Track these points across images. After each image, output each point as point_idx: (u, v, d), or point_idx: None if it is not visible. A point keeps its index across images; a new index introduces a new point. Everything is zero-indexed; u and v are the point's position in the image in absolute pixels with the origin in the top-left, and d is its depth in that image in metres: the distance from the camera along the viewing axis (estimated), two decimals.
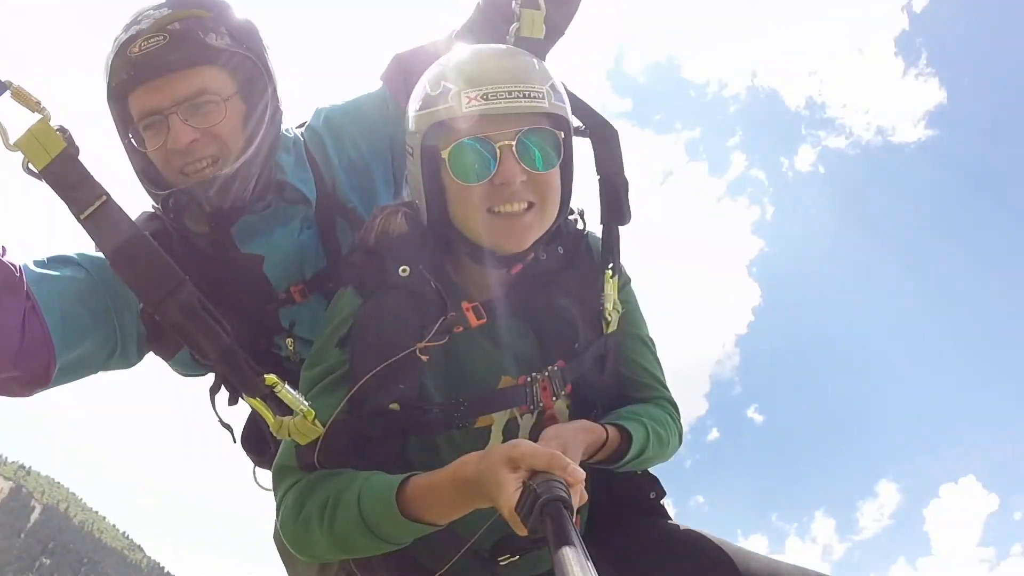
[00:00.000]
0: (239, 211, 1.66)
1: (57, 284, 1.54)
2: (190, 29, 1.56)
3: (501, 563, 1.45)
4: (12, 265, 1.48)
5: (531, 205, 1.41)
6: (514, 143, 1.36)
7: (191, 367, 1.86)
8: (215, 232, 1.65)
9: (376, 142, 1.92)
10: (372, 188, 1.92)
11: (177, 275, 1.39)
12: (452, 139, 1.37)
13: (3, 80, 1.36)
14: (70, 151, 1.42)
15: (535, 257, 1.52)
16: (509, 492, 1.08)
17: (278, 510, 1.42)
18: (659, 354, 1.75)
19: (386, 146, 1.93)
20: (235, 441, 2.03)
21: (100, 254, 1.62)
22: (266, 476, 2.01)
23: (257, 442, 2.00)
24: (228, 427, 2.01)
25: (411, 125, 1.46)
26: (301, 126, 1.96)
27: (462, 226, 1.44)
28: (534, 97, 1.37)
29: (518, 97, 1.36)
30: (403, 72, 1.91)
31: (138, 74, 1.55)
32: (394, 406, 1.39)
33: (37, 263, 1.55)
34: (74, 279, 1.58)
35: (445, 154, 1.38)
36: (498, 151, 1.35)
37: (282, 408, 1.38)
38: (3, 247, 1.49)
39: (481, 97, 1.34)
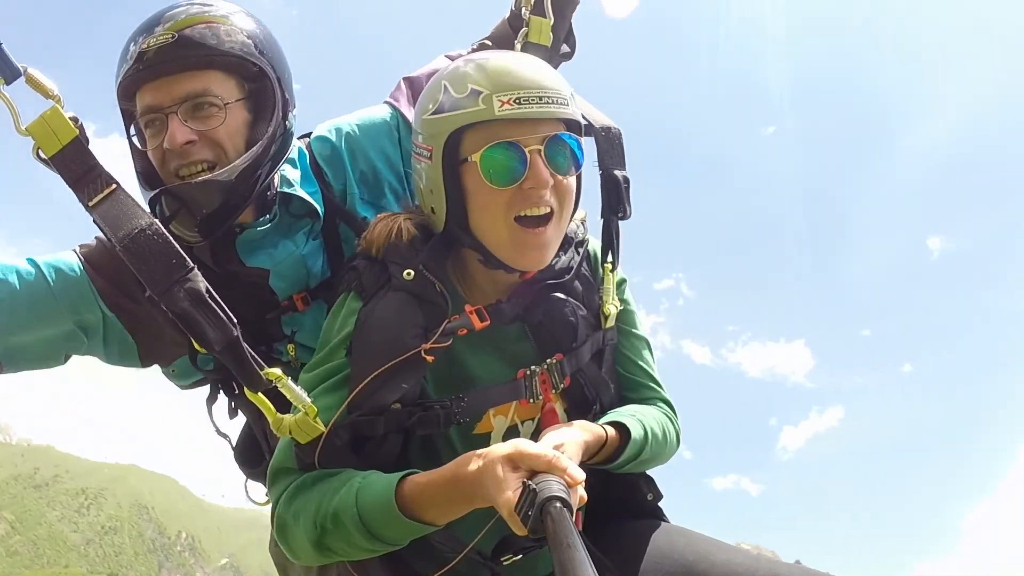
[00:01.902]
0: (229, 219, 1.64)
1: (5, 287, 1.58)
2: (202, 32, 1.58)
3: (504, 562, 1.46)
4: None
5: (551, 212, 1.42)
6: (543, 147, 1.38)
7: (189, 374, 1.86)
8: (207, 236, 1.64)
9: (388, 158, 1.94)
10: (382, 202, 1.93)
11: (186, 263, 1.38)
12: (482, 142, 1.37)
13: (18, 66, 1.36)
14: (81, 140, 1.42)
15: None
16: (509, 492, 1.08)
17: (273, 512, 1.42)
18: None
19: (397, 162, 1.96)
20: (233, 448, 2.04)
21: (62, 261, 1.67)
22: (258, 489, 2.01)
23: (251, 455, 2.00)
24: (226, 436, 2.01)
25: (429, 128, 1.45)
26: (304, 137, 1.96)
27: (481, 233, 1.45)
28: (561, 103, 1.40)
29: (548, 103, 1.38)
30: (412, 92, 1.97)
31: (145, 71, 1.57)
32: (395, 405, 1.39)
33: None
34: (26, 284, 1.60)
35: (476, 157, 1.38)
36: (528, 155, 1.37)
37: (284, 405, 1.39)
38: None
39: (514, 101, 1.35)
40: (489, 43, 2.04)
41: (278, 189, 1.78)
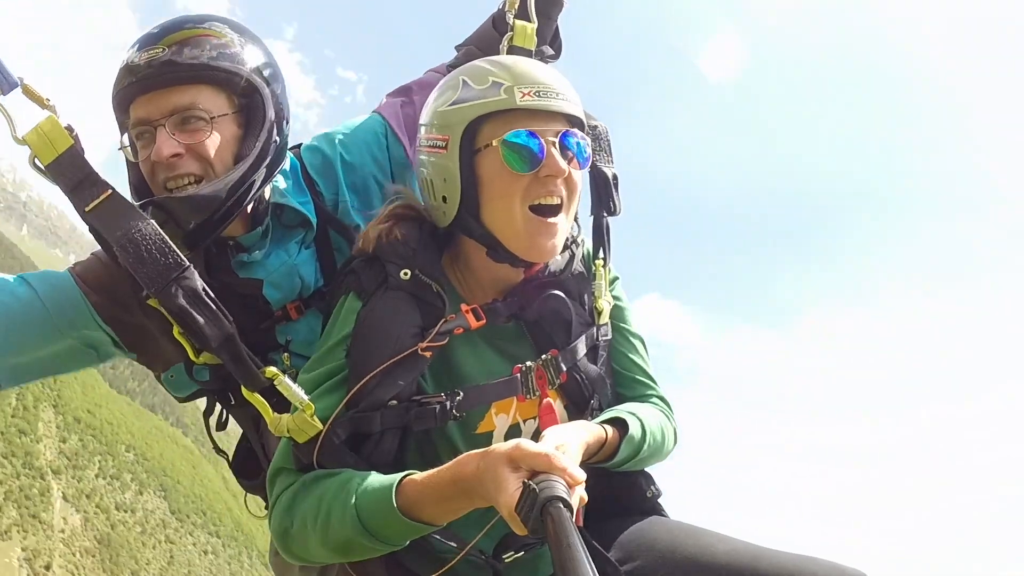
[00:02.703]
0: (215, 232, 1.65)
1: (3, 305, 1.58)
2: (195, 47, 1.60)
3: (506, 560, 1.47)
4: None
5: (561, 203, 1.47)
6: (557, 140, 1.43)
7: (185, 385, 1.87)
8: (192, 248, 1.64)
9: (378, 166, 1.97)
10: (373, 210, 1.93)
11: (182, 261, 1.40)
12: (502, 130, 1.42)
13: (14, 77, 1.37)
14: (76, 148, 1.43)
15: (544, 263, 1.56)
16: (509, 492, 1.08)
17: (271, 514, 1.42)
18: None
19: (387, 170, 1.99)
20: (231, 465, 2.05)
21: (56, 279, 1.68)
22: (257, 504, 2.01)
23: (248, 468, 2.00)
24: (224, 453, 2.02)
25: (445, 118, 1.48)
26: (294, 148, 1.97)
27: (494, 222, 1.47)
28: (574, 102, 1.48)
29: (563, 99, 1.46)
30: (400, 102, 2.02)
31: (137, 84, 1.59)
32: (392, 402, 1.41)
33: None
34: (21, 303, 1.61)
35: (496, 142, 1.42)
36: (545, 145, 1.42)
37: (280, 405, 1.40)
38: None
39: (535, 93, 1.43)
40: (474, 48, 2.06)
41: (270, 200, 1.79)
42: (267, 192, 1.78)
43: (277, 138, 1.72)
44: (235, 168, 1.63)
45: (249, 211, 1.74)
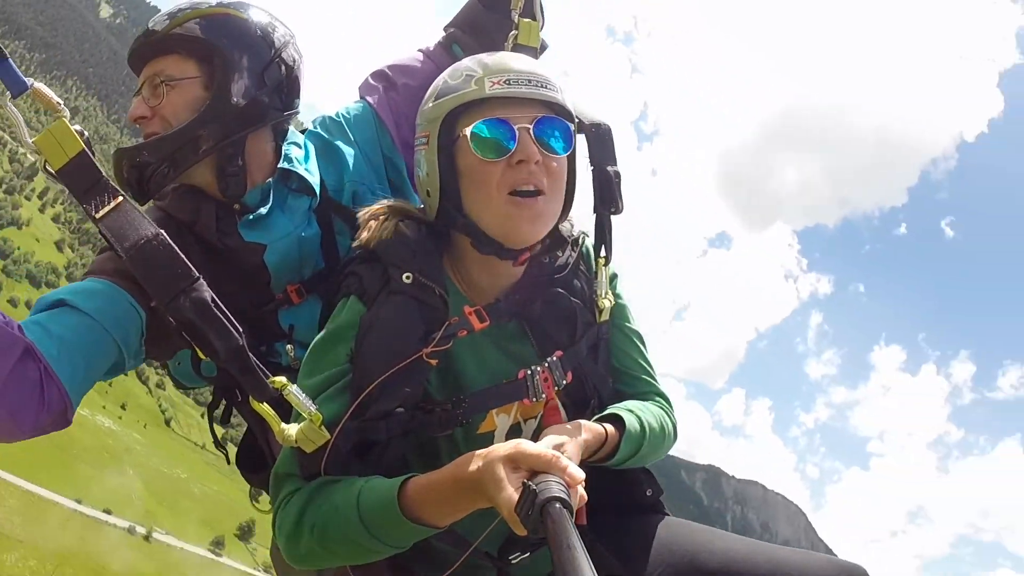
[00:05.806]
0: (151, 182, 1.72)
1: (59, 339, 1.55)
2: (181, 22, 1.72)
3: (512, 561, 1.48)
4: (22, 332, 1.48)
5: (540, 190, 1.47)
6: (531, 126, 1.44)
7: (190, 377, 1.88)
8: (136, 195, 1.73)
9: (372, 151, 2.01)
10: (370, 195, 1.97)
11: (191, 273, 1.41)
12: (474, 119, 1.44)
13: (25, 80, 1.39)
14: (87, 152, 1.45)
15: (538, 261, 1.57)
16: (509, 492, 1.10)
17: (275, 518, 1.43)
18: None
19: (379, 154, 2.02)
20: (229, 463, 2.05)
21: (81, 285, 1.68)
22: (263, 498, 2.00)
23: (253, 461, 2.01)
24: (223, 448, 2.04)
25: (427, 115, 1.52)
26: (303, 130, 2.01)
27: (474, 211, 1.48)
28: (549, 88, 1.47)
29: (537, 86, 1.46)
30: (383, 87, 2.05)
31: (130, 61, 1.79)
32: (398, 409, 1.42)
33: (32, 322, 1.57)
34: (73, 327, 1.59)
35: (467, 131, 1.43)
36: (517, 132, 1.42)
37: (287, 414, 1.40)
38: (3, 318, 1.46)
39: (504, 82, 1.44)
40: (457, 31, 2.10)
41: (279, 167, 1.84)
42: (263, 152, 1.83)
43: (238, 99, 1.73)
44: (177, 127, 1.70)
45: (217, 168, 1.76)
